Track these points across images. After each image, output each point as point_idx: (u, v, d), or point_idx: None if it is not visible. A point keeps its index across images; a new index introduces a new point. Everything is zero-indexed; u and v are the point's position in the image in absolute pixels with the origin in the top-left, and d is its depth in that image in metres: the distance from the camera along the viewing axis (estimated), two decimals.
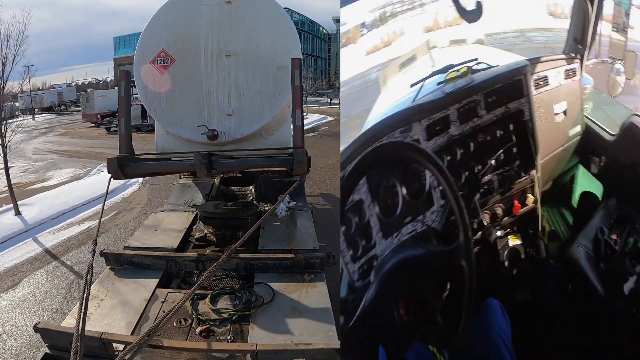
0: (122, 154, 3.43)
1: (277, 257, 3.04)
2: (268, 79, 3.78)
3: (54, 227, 7.55)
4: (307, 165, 3.36)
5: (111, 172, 3.36)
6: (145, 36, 3.82)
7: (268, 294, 2.77)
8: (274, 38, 3.75)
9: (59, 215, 8.07)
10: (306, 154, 3.32)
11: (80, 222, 7.79)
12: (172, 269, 3.11)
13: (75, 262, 6.11)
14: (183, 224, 3.81)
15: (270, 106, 3.85)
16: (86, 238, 6.79)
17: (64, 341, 2.26)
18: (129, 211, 8.33)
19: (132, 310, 2.63)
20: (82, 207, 8.51)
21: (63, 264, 6.05)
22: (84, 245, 6.55)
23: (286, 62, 3.52)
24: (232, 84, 3.83)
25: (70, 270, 5.85)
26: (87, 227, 7.41)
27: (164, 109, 3.91)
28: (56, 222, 7.83)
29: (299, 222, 3.82)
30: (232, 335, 2.49)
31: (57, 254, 6.36)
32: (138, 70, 3.84)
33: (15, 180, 10.98)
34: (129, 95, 3.54)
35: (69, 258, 6.21)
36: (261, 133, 4.02)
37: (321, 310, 2.65)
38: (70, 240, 6.89)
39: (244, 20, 3.72)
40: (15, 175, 11.87)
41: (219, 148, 3.80)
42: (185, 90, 3.83)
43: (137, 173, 3.83)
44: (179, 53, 3.76)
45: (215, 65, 3.79)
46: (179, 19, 3.76)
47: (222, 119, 3.88)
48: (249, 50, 3.74)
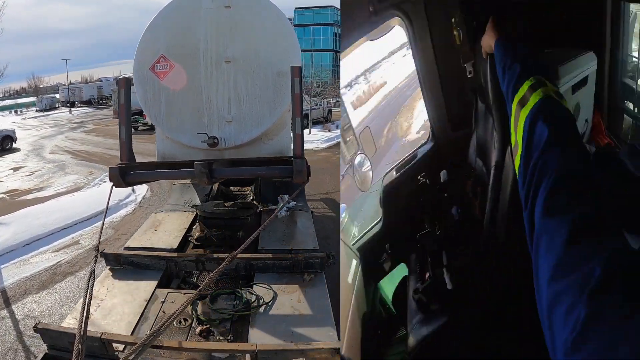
0: (123, 162, 3.44)
1: (277, 257, 3.05)
2: (268, 84, 3.77)
3: (22, 257, 6.21)
4: (307, 174, 3.37)
5: (113, 180, 3.37)
6: (144, 42, 3.81)
7: (268, 294, 2.77)
8: (274, 43, 3.75)
9: (32, 241, 6.75)
10: (306, 163, 3.33)
11: (52, 253, 6.44)
12: (171, 269, 3.11)
13: (25, 314, 4.59)
14: (183, 224, 3.81)
15: (270, 112, 3.85)
16: (49, 279, 5.50)
17: (64, 341, 2.26)
18: (115, 241, 6.66)
19: (132, 310, 2.63)
20: (60, 232, 7.18)
21: (10, 315, 4.62)
22: (43, 291, 5.18)
23: (286, 68, 3.52)
24: (231, 90, 3.83)
25: (14, 328, 4.36)
26: (57, 262, 6.00)
27: (164, 115, 3.92)
28: (27, 250, 6.49)
29: (299, 222, 3.83)
30: (232, 335, 2.49)
31: (9, 298, 5.02)
32: (137, 76, 3.84)
33: (15, 185, 10.92)
34: (129, 103, 3.54)
35: (20, 307, 4.79)
36: (261, 138, 4.04)
37: (321, 310, 2.65)
38: (32, 279, 5.52)
39: (244, 25, 3.71)
40: (18, 178, 11.82)
41: (219, 154, 3.82)
42: (185, 96, 3.84)
43: (139, 181, 3.84)
44: (178, 59, 3.75)
45: (215, 71, 3.78)
46: (178, 24, 3.75)
47: (222, 125, 3.89)
48: (248, 56, 3.73)
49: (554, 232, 0.74)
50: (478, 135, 1.95)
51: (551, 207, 0.79)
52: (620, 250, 0.66)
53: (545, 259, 0.72)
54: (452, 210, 1.92)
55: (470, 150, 2.00)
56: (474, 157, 1.97)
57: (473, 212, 1.86)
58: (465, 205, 1.91)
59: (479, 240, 1.78)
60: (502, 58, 1.33)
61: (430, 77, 2.11)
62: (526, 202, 0.87)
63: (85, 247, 6.59)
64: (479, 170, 1.91)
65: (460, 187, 1.97)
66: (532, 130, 0.96)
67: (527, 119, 1.00)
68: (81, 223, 7.58)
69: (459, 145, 2.05)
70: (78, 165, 13.38)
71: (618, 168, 1.49)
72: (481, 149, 1.91)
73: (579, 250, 0.67)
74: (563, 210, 0.76)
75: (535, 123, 0.97)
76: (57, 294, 5.10)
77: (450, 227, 1.89)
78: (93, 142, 18.74)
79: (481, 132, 1.92)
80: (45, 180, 11.40)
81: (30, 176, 12.12)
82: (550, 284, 0.67)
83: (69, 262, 5.99)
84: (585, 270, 0.62)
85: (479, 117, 1.92)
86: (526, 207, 0.87)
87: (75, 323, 2.32)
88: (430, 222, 1.95)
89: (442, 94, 2.07)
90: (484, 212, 1.73)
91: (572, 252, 0.68)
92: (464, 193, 1.94)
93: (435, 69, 2.08)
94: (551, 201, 0.80)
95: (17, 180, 11.63)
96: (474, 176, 1.93)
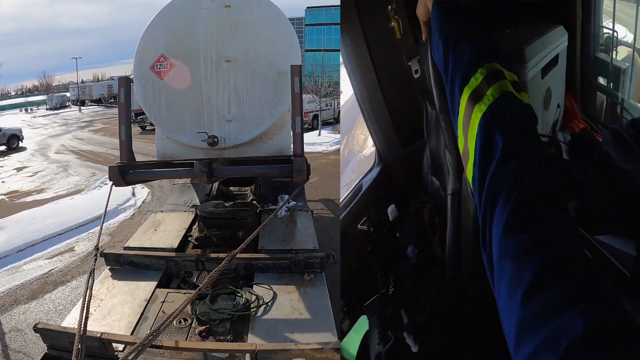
0: (123, 161, 3.44)
1: (277, 257, 3.05)
2: (268, 84, 3.77)
3: (14, 264, 5.98)
4: (307, 173, 3.37)
5: (113, 179, 3.37)
6: (144, 41, 3.81)
7: (268, 294, 2.77)
8: (274, 42, 3.74)
9: (26, 247, 6.51)
10: (306, 162, 3.33)
11: (46, 260, 6.17)
12: (171, 269, 3.11)
13: (12, 326, 4.38)
14: (183, 224, 3.81)
15: (270, 112, 3.85)
16: (39, 289, 5.26)
17: (64, 341, 2.26)
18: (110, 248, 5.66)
19: (131, 310, 2.62)
20: (55, 238, 6.91)
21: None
22: (32, 301, 4.95)
23: (286, 68, 3.51)
24: (231, 89, 3.83)
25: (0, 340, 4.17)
26: (49, 271, 5.76)
27: (164, 115, 3.92)
28: (20, 256, 6.25)
29: (299, 222, 3.82)
30: (232, 335, 2.49)
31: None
32: (137, 75, 3.84)
33: (16, 186, 10.85)
34: (128, 102, 3.54)
35: (8, 318, 4.58)
36: (261, 137, 4.04)
37: (321, 310, 2.65)
38: (23, 287, 5.30)
39: (244, 25, 3.71)
40: (21, 179, 11.75)
41: (219, 153, 3.82)
42: (185, 95, 3.85)
43: (138, 180, 3.84)
44: (178, 58, 3.75)
45: (215, 70, 3.78)
46: (178, 23, 3.74)
47: (222, 124, 3.89)
48: (248, 56, 3.73)
49: (512, 278, 0.60)
50: (431, 147, 1.63)
51: (508, 246, 0.63)
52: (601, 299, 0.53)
53: (506, 314, 0.59)
54: (408, 252, 1.65)
55: (424, 168, 1.69)
56: (428, 175, 1.66)
57: (432, 250, 1.60)
58: (422, 242, 1.64)
59: (442, 286, 1.53)
60: (443, 30, 0.99)
61: (367, 84, 1.71)
62: (483, 233, 0.71)
63: (79, 254, 6.31)
64: (436, 193, 1.61)
65: (415, 220, 1.68)
66: (488, 136, 0.77)
67: (481, 120, 0.81)
68: (77, 229, 7.29)
69: (410, 163, 1.71)
70: (81, 166, 13.27)
71: (601, 160, 1.35)
72: (436, 165, 1.60)
73: (542, 304, 0.55)
74: (524, 249, 0.61)
75: (492, 128, 0.78)
76: (46, 304, 4.91)
77: (407, 275, 1.62)
78: (99, 142, 18.61)
79: (434, 144, 1.60)
80: (47, 182, 11.28)
81: (33, 177, 12.03)
82: (518, 347, 0.55)
83: (61, 271, 5.78)
84: (557, 328, 0.51)
85: (430, 126, 1.58)
86: (484, 244, 0.71)
87: (75, 323, 2.32)
88: (383, 276, 1.67)
89: (385, 103, 1.68)
90: (445, 248, 1.47)
91: (535, 306, 0.55)
92: (419, 227, 1.66)
93: (372, 73, 1.69)
94: (508, 237, 0.64)
95: (20, 181, 11.57)
96: (430, 202, 1.64)
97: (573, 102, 1.90)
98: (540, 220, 0.64)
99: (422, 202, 1.67)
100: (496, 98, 0.81)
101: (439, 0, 1.03)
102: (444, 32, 0.98)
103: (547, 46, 1.57)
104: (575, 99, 1.91)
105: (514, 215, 0.65)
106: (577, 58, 1.84)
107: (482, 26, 1.01)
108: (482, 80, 0.85)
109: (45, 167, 13.32)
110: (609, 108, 1.85)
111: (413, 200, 1.71)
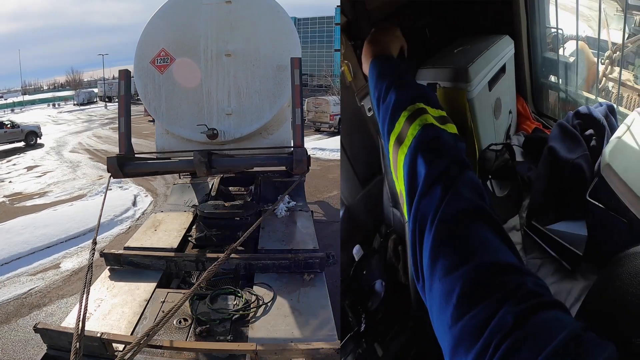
0: (122, 153, 3.43)
1: (277, 257, 3.04)
2: (268, 78, 3.77)
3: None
4: (307, 164, 3.35)
5: (111, 171, 3.36)
6: (145, 35, 3.81)
7: (268, 294, 2.77)
8: (274, 37, 3.74)
9: (11, 260, 6.07)
10: (306, 153, 3.32)
11: (29, 276, 5.71)
12: (171, 269, 3.11)
13: None
14: (183, 224, 3.80)
15: (270, 106, 3.84)
16: (14, 312, 4.80)
17: (63, 341, 2.27)
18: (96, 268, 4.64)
19: (131, 310, 2.63)
20: (43, 252, 6.41)
21: None
22: (4, 326, 4.49)
23: (286, 62, 3.50)
24: (231, 83, 3.83)
25: None
26: (29, 290, 5.30)
27: (163, 109, 3.90)
28: (4, 270, 5.82)
29: (298, 222, 3.81)
30: (232, 335, 2.49)
31: None
32: (138, 70, 3.83)
33: (21, 187, 10.54)
34: (128, 95, 3.55)
35: None
36: (261, 132, 4.02)
37: (321, 310, 2.65)
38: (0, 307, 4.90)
39: (244, 20, 3.71)
40: (29, 179, 11.44)
41: (219, 147, 3.80)
42: (185, 89, 3.83)
43: (137, 172, 3.82)
44: (179, 52, 3.75)
45: (215, 64, 3.78)
46: (179, 19, 3.75)
47: (222, 118, 3.88)
48: (248, 50, 3.73)
49: (441, 300, 0.61)
50: (389, 181, 1.66)
51: (435, 269, 0.64)
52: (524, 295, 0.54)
53: (440, 336, 0.60)
54: (376, 287, 1.66)
55: (385, 202, 1.71)
56: (390, 208, 1.68)
57: (398, 280, 1.61)
58: (389, 273, 1.65)
59: (411, 312, 1.54)
60: (377, 87, 1.03)
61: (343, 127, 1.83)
62: (415, 265, 0.71)
63: (63, 273, 5.76)
64: (398, 224, 1.64)
65: (380, 254, 1.69)
66: (411, 173, 0.77)
67: (405, 159, 0.81)
68: (67, 242, 6.69)
69: (371, 200, 1.74)
70: (91, 168, 12.85)
71: (548, 155, 1.39)
72: (395, 197, 1.63)
73: (471, 321, 0.55)
74: (449, 268, 0.62)
75: (413, 163, 0.78)
76: (17, 333, 4.38)
77: (377, 308, 1.63)
78: (116, 141, 17.50)
79: (391, 177, 1.61)
80: (52, 184, 10.88)
81: (41, 178, 11.70)
82: None
83: (40, 292, 5.30)
84: (489, 334, 0.52)
85: (387, 161, 1.60)
86: (417, 276, 0.71)
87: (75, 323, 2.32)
88: (354, 316, 1.68)
89: (343, 146, 1.71)
90: (409, 275, 1.50)
91: (465, 324, 0.55)
92: (385, 259, 1.67)
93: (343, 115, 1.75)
94: (435, 260, 0.64)
95: (27, 181, 11.26)
96: (394, 232, 1.66)
97: (524, 104, 1.94)
98: (464, 237, 0.64)
99: (385, 235, 1.68)
100: (415, 135, 0.82)
101: (375, 60, 1.08)
102: (377, 89, 1.02)
103: (492, 59, 1.62)
104: (527, 101, 1.95)
105: (438, 237, 0.65)
106: (525, 62, 1.88)
107: (415, 68, 1.11)
108: (404, 123, 0.87)
109: (55, 167, 13.01)
110: (560, 103, 1.89)
111: (377, 235, 1.73)
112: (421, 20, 1.63)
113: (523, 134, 1.84)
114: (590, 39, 1.71)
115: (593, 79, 1.72)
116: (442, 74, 1.54)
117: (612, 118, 1.42)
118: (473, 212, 0.67)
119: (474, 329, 0.53)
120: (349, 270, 1.73)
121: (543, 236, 1.41)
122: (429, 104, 0.90)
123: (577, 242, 1.31)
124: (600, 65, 1.65)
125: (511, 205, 1.55)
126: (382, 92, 0.99)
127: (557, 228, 1.38)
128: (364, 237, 1.76)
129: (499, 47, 1.68)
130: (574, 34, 1.77)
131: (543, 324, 0.50)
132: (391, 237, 1.66)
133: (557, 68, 1.88)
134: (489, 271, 0.58)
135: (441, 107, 0.94)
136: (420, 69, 1.57)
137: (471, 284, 0.58)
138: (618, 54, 1.57)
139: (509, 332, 0.50)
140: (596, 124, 1.40)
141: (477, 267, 0.59)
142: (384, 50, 1.12)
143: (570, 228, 1.35)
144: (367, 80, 1.29)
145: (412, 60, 1.35)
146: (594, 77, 1.71)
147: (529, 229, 1.47)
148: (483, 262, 0.60)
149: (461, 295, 0.58)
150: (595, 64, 1.69)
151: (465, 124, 1.48)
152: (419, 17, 1.62)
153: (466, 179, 0.72)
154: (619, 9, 1.58)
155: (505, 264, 0.59)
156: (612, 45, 1.61)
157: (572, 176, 1.33)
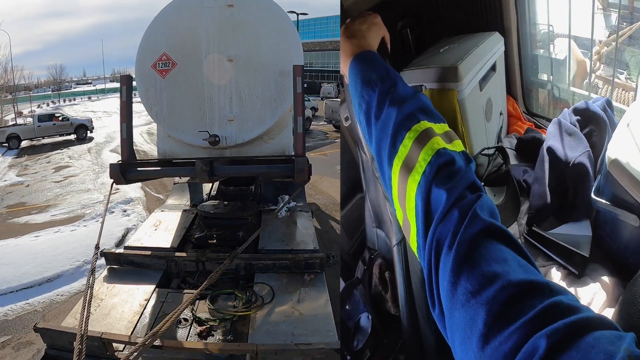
0: (124, 160, 3.43)
1: (277, 258, 3.05)
2: (269, 83, 3.74)
3: None
4: (308, 173, 3.35)
5: (113, 177, 3.36)
6: (147, 39, 3.79)
7: (268, 294, 2.77)
8: (276, 42, 3.72)
9: None
10: (307, 162, 3.31)
11: None
12: (172, 269, 3.11)
13: None
14: (183, 224, 3.80)
15: (271, 111, 3.81)
16: None
17: (63, 341, 2.26)
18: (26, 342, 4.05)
19: (132, 310, 2.63)
20: (11, 295, 5.06)
21: None
22: None
23: (288, 67, 3.49)
24: (233, 88, 3.81)
25: None
26: None
27: (165, 113, 3.90)
28: None
29: (298, 223, 3.81)
30: (232, 335, 2.49)
31: None
32: (139, 74, 3.82)
33: (31, 196, 9.73)
34: (130, 101, 3.54)
35: None
36: (262, 137, 4.02)
37: (321, 310, 2.65)
38: None
39: (246, 24, 3.69)
40: (44, 185, 10.59)
41: (220, 153, 3.80)
42: (187, 94, 3.84)
43: (139, 178, 3.83)
44: (180, 57, 3.73)
45: (217, 69, 3.79)
46: (181, 22, 3.72)
47: (224, 123, 3.86)
48: (250, 55, 3.70)
49: (465, 326, 0.57)
50: (371, 199, 1.52)
51: (456, 295, 0.60)
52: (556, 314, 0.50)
53: None
54: (361, 322, 1.53)
55: (367, 221, 1.59)
56: (372, 229, 1.56)
57: (387, 312, 1.50)
58: (376, 306, 1.53)
59: (403, 344, 1.45)
60: (364, 98, 0.90)
61: None
62: (430, 292, 0.68)
63: (12, 342, 4.07)
64: (383, 246, 1.52)
65: (364, 285, 1.58)
66: (428, 203, 0.74)
67: (418, 190, 0.76)
68: (32, 289, 5.20)
69: (352, 223, 1.63)
70: (101, 184, 10.92)
71: (550, 156, 1.34)
72: (378, 216, 1.50)
73: (502, 342, 0.51)
74: (472, 293, 0.58)
75: (428, 194, 0.74)
76: None
77: (364, 346, 1.50)
78: (139, 152, 16.19)
79: (374, 195, 1.49)
80: (62, 195, 9.80)
81: (60, 183, 10.82)
82: None
83: None
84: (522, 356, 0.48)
85: (368, 175, 1.49)
86: (433, 303, 0.68)
87: (74, 322, 2.33)
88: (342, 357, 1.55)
89: None
90: (399, 305, 1.39)
91: (494, 346, 0.52)
92: (370, 289, 1.56)
93: None
94: (455, 285, 0.61)
95: (41, 189, 10.36)
96: (379, 257, 1.55)
97: (515, 104, 1.90)
98: (485, 259, 0.61)
99: (369, 261, 1.57)
100: (429, 162, 0.77)
101: (357, 60, 0.94)
102: (363, 99, 0.90)
103: (482, 57, 1.54)
104: (517, 100, 1.89)
105: (458, 260, 0.63)
106: (515, 60, 1.83)
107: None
108: (412, 146, 0.80)
109: (82, 171, 12.14)
110: (551, 101, 1.86)
111: (359, 264, 1.63)
112: (401, 21, 1.55)
113: (515, 135, 1.80)
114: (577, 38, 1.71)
115: (582, 75, 1.72)
116: (428, 74, 1.44)
117: (610, 112, 1.39)
118: (493, 233, 0.65)
119: (504, 356, 0.50)
120: None
121: (545, 242, 1.35)
122: (432, 119, 0.83)
123: (582, 243, 1.26)
124: (587, 62, 1.65)
125: (509, 212, 1.48)
126: (372, 104, 0.87)
127: (558, 231, 1.33)
128: (344, 265, 1.65)
129: (489, 44, 1.61)
130: (562, 32, 1.76)
131: (586, 346, 0.45)
132: (376, 262, 1.53)
133: (548, 65, 1.86)
134: (515, 292, 0.55)
135: (442, 118, 0.87)
136: (402, 70, 1.47)
137: (498, 307, 0.54)
138: (605, 50, 1.60)
139: (544, 357, 0.46)
140: (596, 119, 1.37)
141: (503, 288, 0.56)
142: (363, 45, 0.98)
143: (572, 230, 1.31)
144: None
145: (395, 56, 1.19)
146: (582, 74, 1.71)
147: (529, 235, 1.41)
148: (510, 281, 0.56)
149: (488, 319, 0.54)
150: (584, 61, 1.69)
151: (455, 127, 1.41)
152: (399, 17, 1.53)
153: (482, 203, 0.70)
154: (599, 7, 1.59)
155: (532, 282, 0.57)
156: (599, 43, 1.63)
157: (575, 175, 1.29)
